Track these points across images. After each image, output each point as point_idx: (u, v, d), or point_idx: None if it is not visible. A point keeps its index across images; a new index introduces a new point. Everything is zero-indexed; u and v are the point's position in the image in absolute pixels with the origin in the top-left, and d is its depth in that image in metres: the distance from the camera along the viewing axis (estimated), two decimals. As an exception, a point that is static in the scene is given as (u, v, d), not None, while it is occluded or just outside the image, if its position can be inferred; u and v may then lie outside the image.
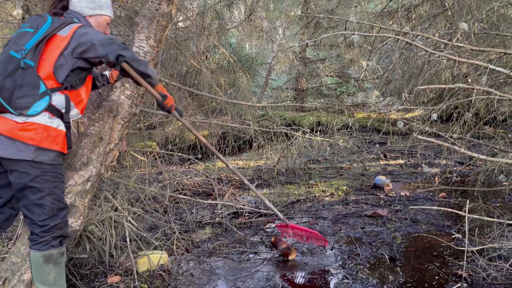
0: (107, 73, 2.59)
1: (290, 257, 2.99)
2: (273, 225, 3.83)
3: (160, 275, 2.79)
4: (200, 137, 2.76)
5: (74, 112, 2.15)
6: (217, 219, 4.00)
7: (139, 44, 2.73)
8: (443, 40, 3.43)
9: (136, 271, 2.75)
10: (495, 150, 4.38)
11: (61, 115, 2.06)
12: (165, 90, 2.35)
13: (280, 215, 3.09)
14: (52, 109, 2.00)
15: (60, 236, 2.08)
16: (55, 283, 2.08)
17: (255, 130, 5.21)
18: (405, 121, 4.15)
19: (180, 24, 6.43)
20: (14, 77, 1.90)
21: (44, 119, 1.97)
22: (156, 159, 4.30)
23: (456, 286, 2.36)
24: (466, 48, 3.34)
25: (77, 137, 2.70)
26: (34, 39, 1.96)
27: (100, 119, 2.54)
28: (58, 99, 2.02)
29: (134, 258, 2.83)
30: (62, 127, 2.06)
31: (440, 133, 3.69)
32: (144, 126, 4.92)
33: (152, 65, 2.81)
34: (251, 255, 3.11)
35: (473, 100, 3.48)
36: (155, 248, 3.15)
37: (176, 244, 3.28)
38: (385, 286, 2.45)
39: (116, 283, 2.65)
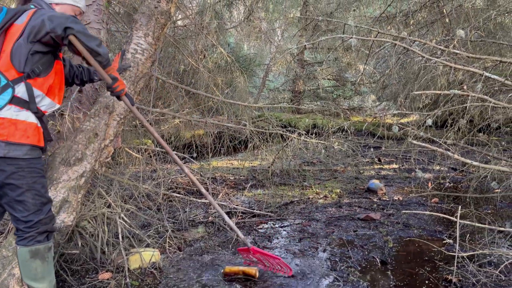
0: None
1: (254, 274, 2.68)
2: (266, 226, 3.84)
3: (151, 272, 2.79)
4: (155, 134, 2.57)
5: (47, 102, 2.07)
6: (210, 218, 4.00)
7: (137, 41, 2.73)
8: (440, 47, 3.46)
9: (128, 268, 2.75)
10: (488, 157, 4.41)
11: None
12: (118, 74, 2.29)
13: (241, 235, 2.84)
14: (17, 101, 1.93)
15: (46, 231, 2.05)
16: (44, 278, 2.06)
17: (251, 130, 5.22)
18: (400, 126, 4.18)
19: (179, 22, 6.42)
20: None
21: (9, 112, 1.91)
22: (151, 156, 4.29)
23: (445, 291, 2.38)
24: (462, 55, 3.37)
25: (72, 132, 2.70)
26: None
27: (95, 115, 2.54)
28: (23, 90, 1.95)
29: (126, 255, 2.82)
30: (32, 119, 1.98)
31: (435, 138, 3.71)
32: (140, 123, 4.90)
33: (150, 62, 2.81)
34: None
35: (467, 107, 3.51)
36: (147, 245, 3.15)
37: (169, 242, 3.28)
38: (375, 289, 2.46)
39: (107, 279, 2.65)
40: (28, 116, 1.97)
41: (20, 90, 1.94)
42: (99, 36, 3.33)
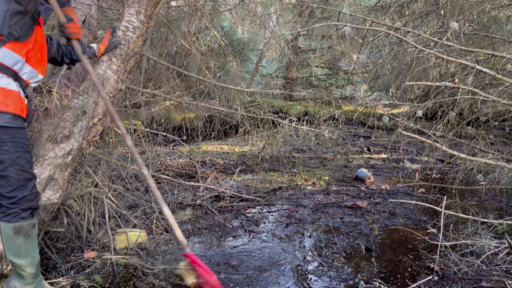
0: (94, 45, 2.53)
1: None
2: (254, 211, 3.85)
3: (137, 253, 2.79)
4: (109, 106, 2.38)
5: (28, 69, 1.98)
6: (198, 201, 4.00)
7: (129, 18, 2.67)
8: (434, 38, 3.46)
9: (114, 247, 2.74)
10: (476, 150, 4.47)
11: (11, 73, 1.90)
12: (76, 17, 2.20)
13: (181, 237, 2.37)
14: None
15: (30, 208, 2.02)
16: (27, 255, 2.03)
17: (242, 115, 5.20)
18: (391, 116, 4.20)
19: (173, 3, 6.32)
20: None
21: None
22: (140, 138, 4.26)
23: (427, 279, 2.42)
24: (455, 48, 3.38)
25: (60, 110, 2.65)
26: None
27: (84, 92, 2.50)
28: (1, 55, 1.86)
29: (112, 235, 2.82)
30: (13, 86, 1.90)
31: (424, 130, 3.74)
32: (130, 103, 4.85)
33: (141, 41, 2.76)
34: (230, 238, 3.13)
35: (458, 99, 3.54)
36: (134, 226, 3.14)
37: (156, 223, 3.28)
38: (359, 275, 2.49)
39: (93, 258, 2.64)
40: (8, 83, 1.88)
41: None
42: (90, 13, 3.27)
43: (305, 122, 5.69)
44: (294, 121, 5.44)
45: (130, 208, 3.62)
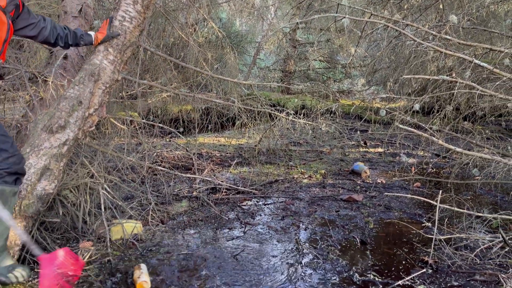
0: (92, 33, 2.50)
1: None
2: (250, 203, 3.86)
3: (133, 244, 2.79)
4: None
5: None
6: (194, 193, 4.00)
7: (126, 8, 2.65)
8: (432, 32, 3.45)
9: (109, 238, 2.74)
10: (472, 145, 4.48)
11: None
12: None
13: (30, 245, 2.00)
14: None
15: (16, 173, 1.97)
16: (1, 222, 1.94)
17: (239, 107, 5.18)
18: (388, 110, 4.20)
19: (170, -7, 6.25)
20: None
21: None
22: (136, 129, 4.24)
23: (421, 271, 2.43)
24: (453, 42, 3.37)
25: (55, 99, 2.63)
26: None
27: (80, 82, 2.48)
28: None
29: (108, 226, 2.81)
30: None
31: (421, 124, 3.75)
32: (127, 95, 4.83)
33: (138, 31, 2.74)
34: (226, 230, 3.14)
35: (455, 94, 3.54)
36: (130, 217, 3.13)
37: (152, 215, 3.28)
38: (354, 268, 2.51)
39: (88, 248, 2.64)
40: None
41: None
42: (86, 2, 3.23)
43: (302, 115, 5.68)
44: (291, 114, 5.43)
45: (126, 199, 3.61)
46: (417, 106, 3.40)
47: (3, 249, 2.03)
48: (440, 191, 2.84)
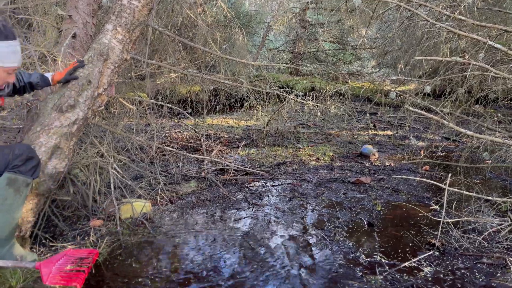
0: (49, 74, 2.38)
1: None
2: (258, 184, 3.88)
3: (142, 222, 2.83)
4: None
5: None
6: (202, 174, 4.03)
7: (134, -14, 2.62)
8: (446, 12, 3.36)
9: (119, 217, 2.78)
10: (483, 128, 4.43)
11: None
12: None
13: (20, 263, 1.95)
14: None
15: (30, 158, 2.02)
16: (9, 211, 1.99)
17: (248, 89, 5.16)
18: (398, 92, 4.15)
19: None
20: None
21: None
22: (145, 110, 4.25)
23: (428, 254, 2.44)
24: (467, 22, 3.29)
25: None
26: None
27: (89, 61, 2.47)
28: None
29: (118, 205, 2.85)
30: None
31: (432, 107, 3.70)
32: (135, 75, 4.82)
33: (147, 10, 2.71)
34: (233, 210, 3.17)
35: (467, 76, 3.48)
36: (139, 197, 3.17)
37: (160, 194, 3.32)
38: (360, 249, 2.52)
39: (99, 227, 2.69)
40: None
41: None
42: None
43: (311, 97, 5.64)
44: (300, 96, 5.39)
45: (135, 179, 3.65)
46: (428, 89, 3.35)
47: (10, 237, 2.04)
48: (449, 174, 2.81)
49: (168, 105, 4.47)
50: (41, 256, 2.25)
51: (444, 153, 5.19)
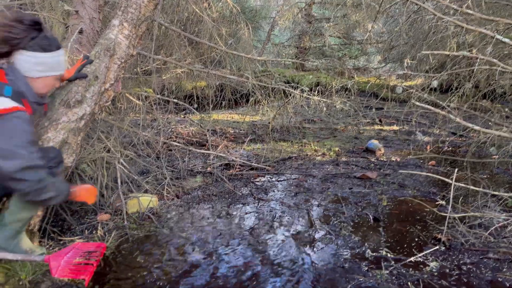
0: None
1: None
2: (263, 179, 3.89)
3: (149, 217, 2.85)
4: None
5: None
6: (208, 169, 4.04)
7: (140, -19, 2.62)
8: (453, 6, 3.33)
9: (126, 211, 2.81)
10: (490, 123, 4.40)
11: None
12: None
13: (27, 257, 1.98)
14: None
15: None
16: (36, 208, 2.05)
17: (253, 84, 5.15)
18: (405, 87, 4.13)
19: (184, -33, 6.16)
20: None
21: None
22: (151, 105, 4.27)
23: (434, 249, 2.44)
24: (475, 16, 3.25)
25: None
26: None
27: (96, 57, 2.49)
28: None
29: (125, 199, 2.88)
30: None
31: (438, 101, 3.68)
32: (141, 70, 4.83)
33: (153, 5, 2.72)
34: (239, 205, 3.18)
35: (475, 71, 3.45)
36: (146, 191, 3.20)
37: (167, 189, 3.34)
38: (366, 244, 2.53)
39: (106, 221, 2.71)
40: None
41: None
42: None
43: (316, 92, 5.62)
44: (305, 91, 5.38)
45: (141, 174, 3.68)
46: (435, 83, 3.33)
47: (20, 231, 2.07)
48: (456, 169, 2.80)
49: (174, 100, 4.49)
50: (50, 250, 2.28)
51: (450, 148, 5.17)
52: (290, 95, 5.39)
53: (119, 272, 2.16)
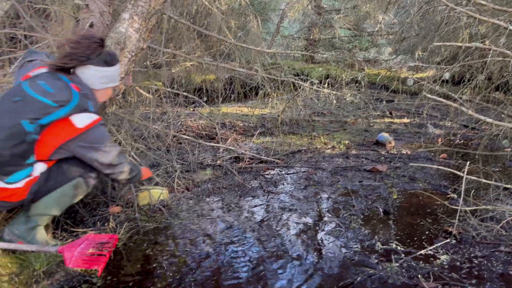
0: None
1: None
2: (273, 172, 3.89)
3: (159, 209, 2.88)
4: None
5: None
6: (218, 162, 4.06)
7: (149, -25, 2.63)
8: (466, -4, 3.28)
9: (137, 204, 2.84)
10: (503, 115, 4.33)
11: None
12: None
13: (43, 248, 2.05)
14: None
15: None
16: (57, 205, 2.15)
17: (262, 77, 5.14)
18: (416, 79, 4.08)
19: (193, -41, 6.13)
20: (15, 150, 1.86)
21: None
22: (161, 98, 4.29)
23: (444, 242, 2.43)
24: (488, 7, 3.20)
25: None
26: (54, 117, 1.91)
27: (106, 50, 2.50)
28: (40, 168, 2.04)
29: (136, 192, 2.91)
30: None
31: (450, 93, 3.63)
32: (151, 64, 4.85)
33: (162, -2, 2.72)
34: (249, 198, 3.20)
35: (487, 62, 3.40)
36: (156, 184, 3.23)
37: (177, 182, 3.36)
38: (376, 237, 2.52)
39: (117, 213, 2.75)
40: None
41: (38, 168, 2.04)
42: None
43: (326, 85, 5.59)
44: (315, 83, 5.34)
45: (152, 166, 3.71)
46: (447, 75, 3.28)
47: (41, 224, 2.16)
48: (468, 162, 2.77)
49: (184, 93, 4.50)
50: (63, 241, 2.32)
51: (462, 141, 5.11)
52: (300, 87, 5.37)
53: (130, 263, 2.19)
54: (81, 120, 1.98)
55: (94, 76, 2.12)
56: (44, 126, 1.89)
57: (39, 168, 2.00)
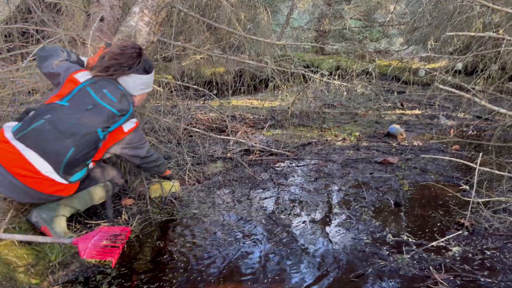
0: (85, 59, 2.50)
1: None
2: (283, 165, 3.90)
3: (171, 201, 2.91)
4: None
5: None
6: (228, 154, 4.08)
7: (159, -32, 2.63)
8: (480, -16, 3.21)
9: (149, 196, 2.87)
10: (517, 106, 4.26)
11: None
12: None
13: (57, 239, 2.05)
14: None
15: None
16: (84, 201, 2.32)
17: (272, 69, 5.12)
18: (428, 70, 4.03)
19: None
20: (88, 155, 2.08)
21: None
22: (171, 91, 4.31)
23: (457, 233, 2.42)
24: (503, -5, 3.14)
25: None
26: (118, 124, 2.18)
27: (117, 44, 2.51)
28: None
29: (147, 184, 2.94)
30: None
31: (463, 84, 3.58)
32: (161, 57, 4.87)
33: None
34: (259, 190, 3.21)
35: (501, 52, 3.34)
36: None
37: (188, 174, 3.39)
38: (387, 229, 2.52)
39: (130, 205, 2.79)
40: None
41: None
42: None
43: (337, 76, 5.55)
44: (325, 75, 5.31)
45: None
46: (459, 65, 3.24)
47: (64, 215, 2.25)
48: (480, 153, 2.74)
49: (194, 86, 4.51)
50: (78, 233, 2.36)
51: (475, 132, 5.05)
52: (310, 79, 5.34)
53: (143, 254, 2.23)
54: (128, 125, 2.25)
55: (134, 83, 2.31)
56: (109, 132, 2.15)
57: (90, 167, 2.22)
